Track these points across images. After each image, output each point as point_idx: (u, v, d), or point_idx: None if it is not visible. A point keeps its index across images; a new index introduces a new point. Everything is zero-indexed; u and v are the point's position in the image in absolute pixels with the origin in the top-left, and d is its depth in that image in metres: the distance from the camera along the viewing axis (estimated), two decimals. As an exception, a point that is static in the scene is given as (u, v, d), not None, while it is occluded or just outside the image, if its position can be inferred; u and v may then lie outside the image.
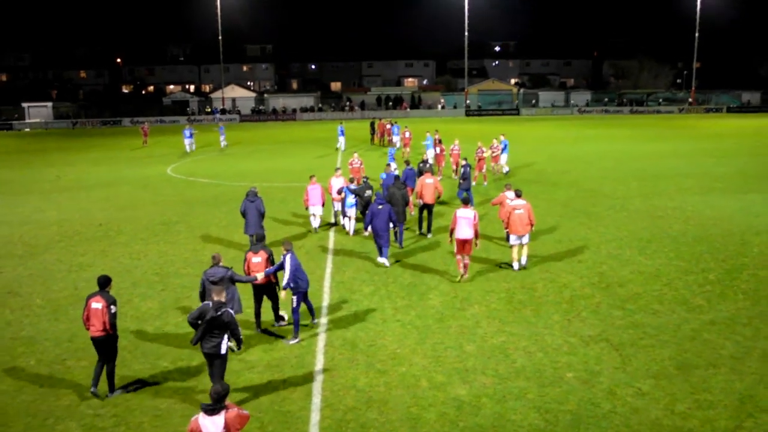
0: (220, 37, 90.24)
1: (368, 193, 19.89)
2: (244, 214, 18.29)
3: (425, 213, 20.43)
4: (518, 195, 16.81)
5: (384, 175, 22.39)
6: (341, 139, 46.28)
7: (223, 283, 11.70)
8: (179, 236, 21.29)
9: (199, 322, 9.98)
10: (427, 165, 24.31)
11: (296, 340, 12.67)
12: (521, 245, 16.64)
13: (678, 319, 13.36)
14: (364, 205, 19.84)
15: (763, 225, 21.05)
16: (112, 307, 10.64)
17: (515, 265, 16.77)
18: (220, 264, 12.31)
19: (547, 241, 19.59)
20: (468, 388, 10.65)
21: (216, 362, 10.13)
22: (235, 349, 11.01)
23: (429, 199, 20.07)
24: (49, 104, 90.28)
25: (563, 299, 14.68)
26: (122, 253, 19.39)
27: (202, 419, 7.00)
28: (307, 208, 21.27)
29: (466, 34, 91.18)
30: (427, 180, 20.16)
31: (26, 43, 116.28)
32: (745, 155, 39.01)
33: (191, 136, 47.63)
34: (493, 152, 30.96)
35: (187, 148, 47.00)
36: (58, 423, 9.91)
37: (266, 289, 13.21)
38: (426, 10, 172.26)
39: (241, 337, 10.48)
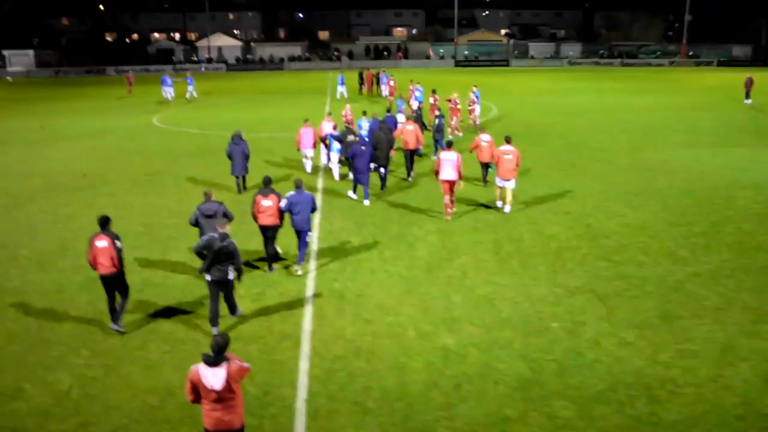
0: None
1: (350, 137, 20.14)
2: (230, 156, 19.47)
3: (409, 159, 21.31)
4: (508, 141, 17.55)
5: (369, 121, 22.76)
6: (341, 89, 46.29)
7: (218, 217, 12.26)
8: (165, 187, 21.16)
9: (205, 252, 10.73)
10: (415, 114, 24.68)
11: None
12: (506, 189, 17.34)
13: (663, 271, 13.52)
14: (347, 149, 20.00)
15: (748, 179, 21.17)
16: (116, 242, 10.89)
17: (498, 204, 17.71)
18: (212, 199, 12.88)
19: (534, 192, 19.63)
20: (455, 337, 10.77)
21: (225, 288, 11.08)
22: (237, 279, 11.22)
23: (411, 144, 20.87)
24: (31, 52, 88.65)
25: (550, 250, 14.78)
26: (107, 204, 19.25)
27: (203, 370, 6.90)
28: (299, 150, 21.71)
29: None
30: (408, 126, 20.96)
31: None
32: (733, 109, 39.01)
33: (171, 84, 47.37)
34: (469, 105, 30.53)
35: (167, 96, 46.89)
36: (49, 373, 9.95)
37: (274, 230, 13.62)
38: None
39: (242, 267, 11.03)
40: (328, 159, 21.96)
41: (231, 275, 10.92)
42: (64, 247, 15.48)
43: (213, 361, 6.94)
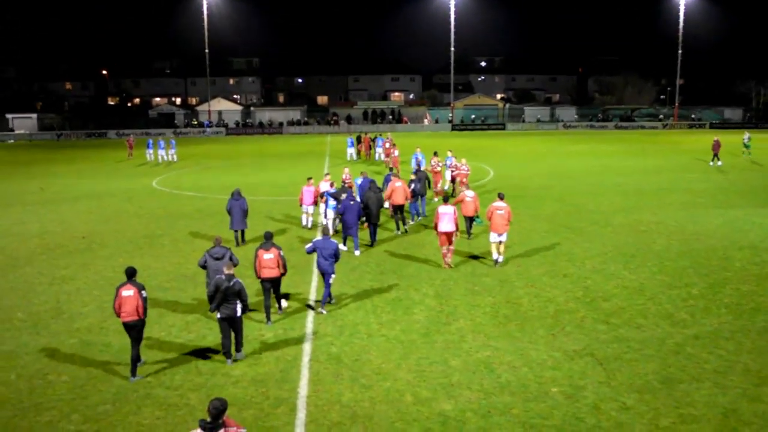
0: (206, 51, 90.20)
1: (344, 195, 20.81)
2: (229, 212, 20.77)
3: (399, 213, 22.61)
4: (501, 198, 18.79)
5: (360, 179, 23.81)
6: (351, 150, 47.97)
7: (225, 260, 13.70)
8: (163, 249, 21.16)
9: (216, 293, 12.05)
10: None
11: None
12: (499, 243, 18.33)
13: (662, 334, 13.43)
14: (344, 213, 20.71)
15: (745, 240, 21.25)
16: (143, 292, 11.82)
17: (494, 256, 18.46)
18: (221, 244, 14.28)
19: (531, 255, 19.66)
20: (453, 403, 10.62)
21: (235, 323, 12.28)
22: (244, 312, 12.43)
23: (399, 200, 22.24)
24: (34, 116, 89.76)
25: (548, 314, 14.71)
26: (105, 266, 19.22)
27: None
28: (300, 206, 23.07)
29: (452, 49, 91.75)
30: (397, 183, 22.27)
31: (11, 54, 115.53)
32: (727, 171, 39.41)
33: (163, 147, 49.58)
34: (456, 170, 28.44)
35: (160, 159, 49.21)
36: (38, 439, 9.76)
37: (274, 283, 14.40)
38: (412, 25, 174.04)
39: (248, 303, 12.50)
40: (325, 216, 22.54)
41: (239, 312, 12.19)
42: (60, 310, 15.38)
43: (211, 426, 6.82)
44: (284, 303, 14.76)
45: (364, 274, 17.87)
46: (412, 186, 23.78)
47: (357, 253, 19.80)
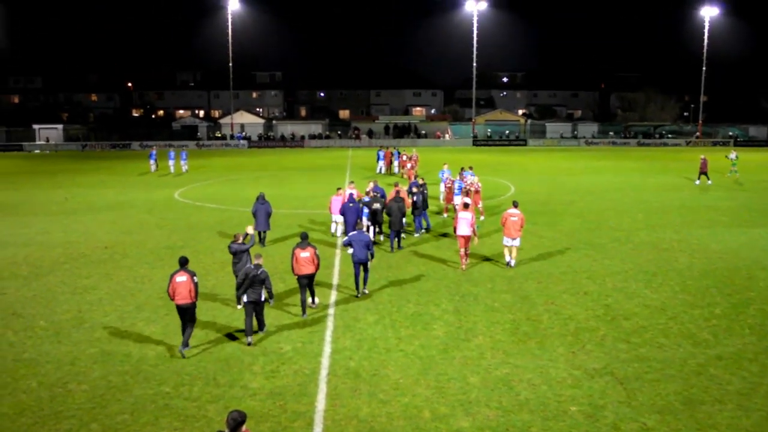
0: (230, 64, 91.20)
1: (376, 205, 22.71)
2: (254, 214, 22.55)
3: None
4: (515, 205, 20.15)
5: (375, 187, 24.90)
6: (381, 163, 49.24)
7: (243, 253, 16.08)
8: (184, 261, 21.28)
9: (245, 280, 13.81)
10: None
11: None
12: (513, 247, 19.86)
13: (684, 354, 13.26)
14: (372, 214, 22.86)
15: (769, 260, 20.95)
16: (194, 278, 13.36)
17: (507, 258, 20.03)
18: (239, 241, 16.24)
19: (552, 272, 19.54)
20: (471, 420, 10.55)
21: (258, 307, 14.02)
22: (270, 301, 14.72)
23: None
24: (60, 126, 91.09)
25: (568, 331, 14.59)
26: (127, 276, 19.40)
27: None
28: (331, 213, 24.12)
29: (474, 64, 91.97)
30: (402, 189, 24.14)
31: (38, 66, 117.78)
32: (750, 189, 38.96)
33: (173, 158, 50.50)
34: (471, 187, 27.90)
35: (171, 168, 50.08)
36: (58, 447, 9.83)
37: (310, 279, 15.59)
38: (434, 40, 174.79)
39: (272, 290, 14.53)
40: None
41: (263, 297, 14.03)
42: (81, 319, 15.53)
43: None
44: (317, 299, 16.24)
45: (383, 289, 17.86)
46: (414, 198, 24.10)
47: (366, 292, 19.13)
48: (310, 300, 16.07)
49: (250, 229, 17.11)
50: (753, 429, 10.22)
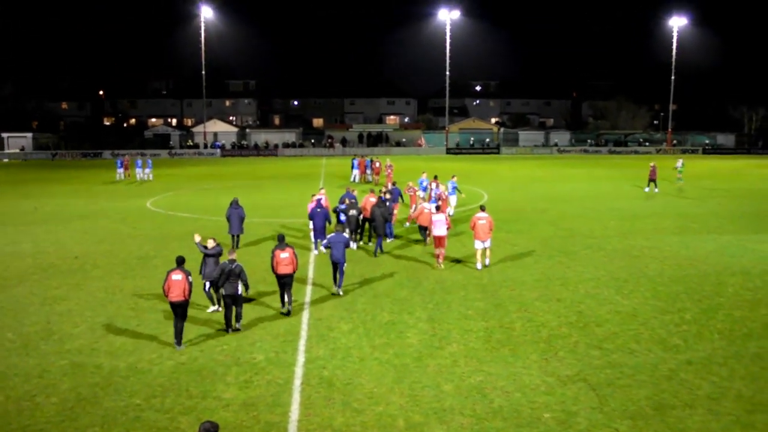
0: (203, 72, 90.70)
1: (353, 212, 23.34)
2: (228, 219, 23.30)
3: (367, 225, 24.65)
4: (482, 209, 20.97)
5: (349, 195, 25.50)
6: (355, 171, 49.49)
7: (216, 254, 16.39)
8: (156, 271, 21.06)
9: (221, 275, 14.68)
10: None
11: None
12: (484, 249, 20.66)
13: (655, 359, 13.41)
14: (349, 221, 23.35)
15: (738, 266, 21.31)
16: (189, 277, 14.05)
17: (479, 266, 20.64)
18: (209, 246, 16.59)
19: (525, 280, 19.67)
20: (445, 428, 10.55)
21: (235, 300, 14.89)
22: (245, 292, 15.16)
23: (367, 214, 24.10)
24: (29, 135, 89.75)
25: (541, 338, 14.68)
26: (97, 287, 19.14)
27: None
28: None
29: (448, 73, 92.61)
30: (371, 198, 24.59)
31: (7, 72, 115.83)
32: (720, 196, 39.62)
33: (140, 166, 51.64)
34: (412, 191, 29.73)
35: (138, 177, 51.06)
36: (25, 462, 9.64)
37: (289, 278, 16.26)
38: (408, 49, 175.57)
39: (248, 283, 15.10)
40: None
41: (240, 291, 14.80)
42: (50, 331, 15.27)
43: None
44: (291, 302, 16.67)
45: (357, 298, 17.83)
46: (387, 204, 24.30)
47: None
48: (287, 298, 16.59)
49: (197, 237, 17.22)
50: (722, 433, 10.35)
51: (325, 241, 18.42)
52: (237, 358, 13.49)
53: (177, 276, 13.95)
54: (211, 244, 16.56)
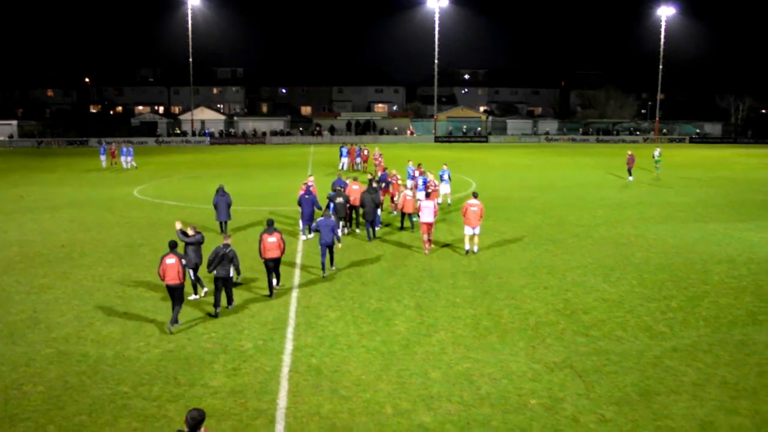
0: (190, 60, 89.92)
1: (339, 199, 23.04)
2: (215, 206, 23.44)
3: (353, 212, 24.99)
4: (475, 196, 21.35)
5: (340, 181, 25.84)
6: (344, 159, 49.23)
7: (196, 243, 16.58)
8: (144, 259, 21.00)
9: (215, 258, 15.02)
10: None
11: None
12: (474, 235, 20.95)
13: (641, 346, 13.52)
14: (335, 208, 22.72)
15: (723, 254, 21.48)
16: (182, 260, 14.45)
17: (467, 246, 21.17)
18: (197, 230, 16.85)
19: (513, 267, 19.74)
20: (433, 415, 10.61)
21: (227, 283, 15.36)
22: (238, 276, 16.20)
23: (356, 201, 24.19)
24: (14, 122, 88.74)
25: (528, 326, 14.76)
26: (84, 275, 19.05)
27: None
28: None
29: (436, 61, 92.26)
30: (354, 186, 24.55)
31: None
32: (706, 185, 39.87)
33: (104, 153, 51.84)
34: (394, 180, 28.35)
35: (125, 165, 50.63)
36: (12, 450, 9.62)
37: (276, 263, 16.65)
38: (396, 37, 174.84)
39: (239, 269, 16.02)
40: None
41: (231, 274, 15.26)
42: (36, 320, 15.20)
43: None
44: (280, 282, 17.27)
45: (346, 285, 17.85)
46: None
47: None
48: (275, 281, 16.99)
49: (179, 225, 17.24)
50: (707, 418, 10.47)
51: (314, 225, 19.00)
52: (225, 346, 13.50)
53: (171, 260, 14.24)
54: (190, 232, 16.69)
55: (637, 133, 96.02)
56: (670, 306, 16.16)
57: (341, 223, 23.51)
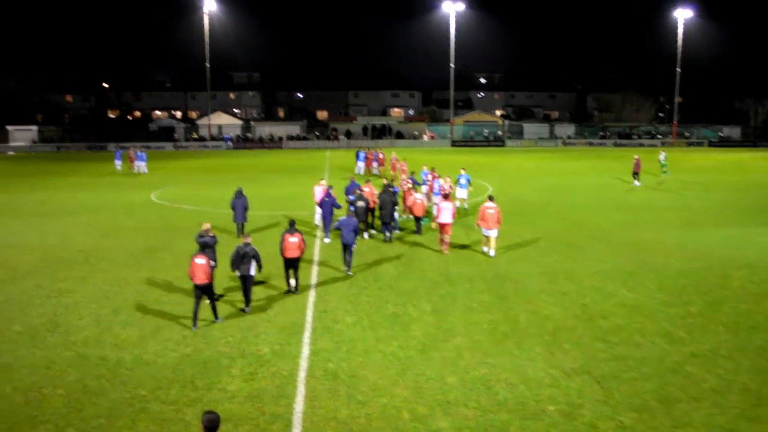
0: (207, 65, 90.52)
1: (360, 203, 23.62)
2: (233, 208, 24.19)
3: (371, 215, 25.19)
4: (491, 199, 21.71)
5: (354, 184, 26.63)
6: (361, 164, 49.34)
7: (212, 245, 16.95)
8: (162, 263, 21.13)
9: (236, 257, 15.52)
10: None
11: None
12: (490, 237, 21.34)
13: (660, 352, 13.40)
14: (357, 213, 22.89)
15: (743, 259, 21.25)
16: (212, 261, 15.14)
17: (485, 249, 21.78)
18: (210, 232, 17.28)
19: (530, 272, 19.65)
20: (450, 420, 10.57)
21: (247, 281, 15.78)
22: (258, 270, 16.03)
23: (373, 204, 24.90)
24: (34, 128, 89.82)
25: (546, 331, 14.68)
26: (103, 279, 19.20)
27: None
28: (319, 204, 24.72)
29: (452, 65, 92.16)
30: (365, 188, 25.20)
31: (12, 65, 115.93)
32: (725, 189, 39.49)
33: (120, 158, 52.63)
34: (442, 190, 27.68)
35: (135, 169, 51.25)
36: (32, 453, 9.70)
37: (297, 261, 17.14)
38: (412, 41, 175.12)
39: (261, 264, 15.97)
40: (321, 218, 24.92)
41: (252, 271, 15.71)
42: (56, 323, 15.34)
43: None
44: (297, 285, 17.48)
45: (362, 290, 17.85)
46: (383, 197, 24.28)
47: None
48: (293, 282, 17.34)
49: (206, 225, 17.57)
50: (728, 426, 10.35)
51: (336, 223, 19.64)
52: (242, 350, 13.54)
53: (200, 260, 14.63)
54: (210, 233, 17.25)
55: (658, 136, 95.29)
56: (689, 311, 16.00)
57: (362, 228, 23.68)
